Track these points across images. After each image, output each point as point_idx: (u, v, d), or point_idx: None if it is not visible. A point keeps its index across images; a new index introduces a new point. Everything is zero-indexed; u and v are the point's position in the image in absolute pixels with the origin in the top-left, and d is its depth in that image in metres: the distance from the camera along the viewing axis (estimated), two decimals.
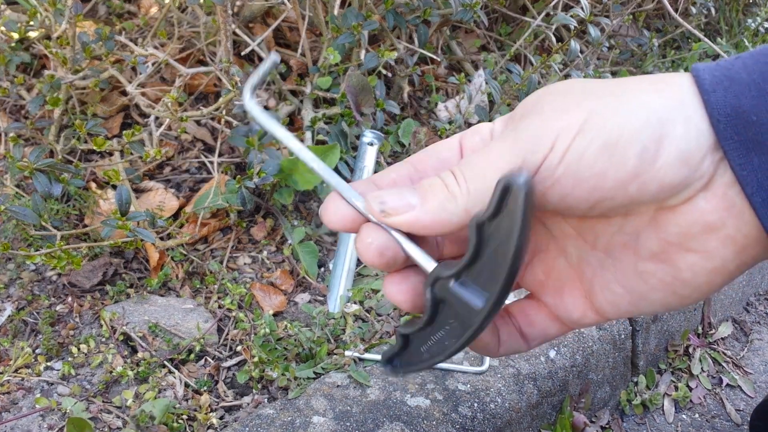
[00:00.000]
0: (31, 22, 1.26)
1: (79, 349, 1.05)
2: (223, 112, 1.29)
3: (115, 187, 1.20)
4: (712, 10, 2.05)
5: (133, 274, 1.21)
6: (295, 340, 1.08)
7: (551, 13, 1.55)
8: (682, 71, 0.38)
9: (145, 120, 1.39)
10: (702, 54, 2.02)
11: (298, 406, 0.93)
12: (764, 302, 1.62)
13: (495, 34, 1.85)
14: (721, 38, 2.21)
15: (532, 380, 1.04)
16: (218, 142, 1.34)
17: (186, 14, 1.47)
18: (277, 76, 1.47)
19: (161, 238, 1.20)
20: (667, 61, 1.99)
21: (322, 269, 1.29)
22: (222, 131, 1.35)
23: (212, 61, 1.36)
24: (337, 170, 1.32)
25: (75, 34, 1.19)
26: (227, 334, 1.13)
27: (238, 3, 1.49)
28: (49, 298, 1.14)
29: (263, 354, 1.04)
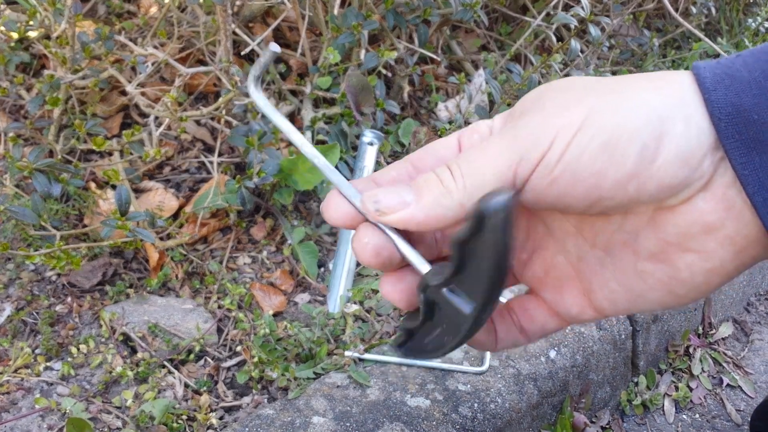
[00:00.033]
0: (31, 22, 1.26)
1: (78, 350, 1.05)
2: (223, 112, 1.28)
3: (114, 187, 1.20)
4: (713, 9, 2.05)
5: (133, 274, 1.21)
6: (295, 341, 1.08)
7: (551, 13, 1.55)
8: (683, 70, 0.38)
9: (145, 120, 1.39)
10: (702, 54, 2.02)
11: (298, 407, 0.93)
12: (765, 302, 1.62)
13: (495, 34, 1.85)
14: (722, 38, 2.21)
15: (532, 380, 1.04)
16: (218, 142, 1.34)
17: (186, 14, 1.47)
18: (277, 76, 1.47)
19: (161, 238, 1.20)
20: (668, 60, 1.99)
21: (322, 269, 1.29)
22: (222, 131, 1.35)
23: (212, 60, 1.36)
24: (337, 170, 1.32)
25: (74, 34, 1.19)
26: (227, 335, 1.13)
27: (237, 2, 1.49)
28: (48, 299, 1.13)
29: (263, 354, 1.04)
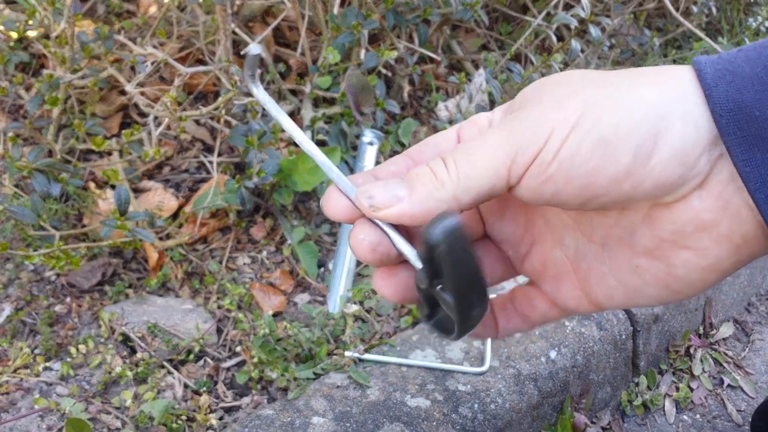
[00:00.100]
0: (30, 22, 1.25)
1: (77, 350, 1.04)
2: (223, 112, 1.28)
3: (114, 187, 1.20)
4: (713, 9, 2.04)
5: (132, 274, 1.21)
6: (295, 341, 1.07)
7: (552, 13, 1.54)
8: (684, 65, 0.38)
9: (144, 119, 1.39)
10: (703, 53, 2.02)
11: (298, 407, 0.93)
12: (766, 302, 1.61)
13: (495, 34, 1.84)
14: (722, 37, 2.21)
15: (532, 381, 1.03)
16: (217, 142, 1.33)
17: (185, 13, 1.46)
18: (277, 75, 1.47)
19: (160, 238, 1.20)
20: (668, 60, 1.99)
21: (322, 269, 1.28)
22: (221, 131, 1.35)
23: (211, 60, 1.36)
24: (335, 166, 1.31)
25: (74, 34, 1.18)
26: (226, 335, 1.12)
27: (237, 2, 1.49)
28: (47, 299, 1.13)
29: (263, 354, 1.03)
